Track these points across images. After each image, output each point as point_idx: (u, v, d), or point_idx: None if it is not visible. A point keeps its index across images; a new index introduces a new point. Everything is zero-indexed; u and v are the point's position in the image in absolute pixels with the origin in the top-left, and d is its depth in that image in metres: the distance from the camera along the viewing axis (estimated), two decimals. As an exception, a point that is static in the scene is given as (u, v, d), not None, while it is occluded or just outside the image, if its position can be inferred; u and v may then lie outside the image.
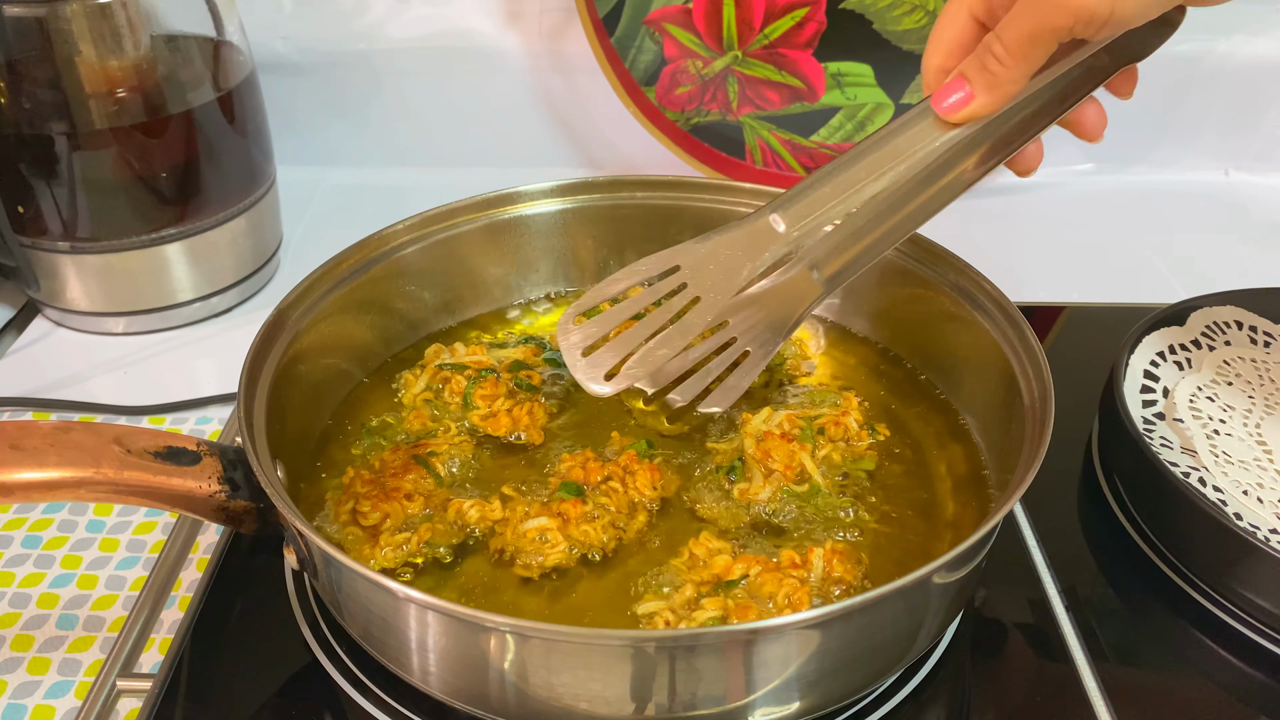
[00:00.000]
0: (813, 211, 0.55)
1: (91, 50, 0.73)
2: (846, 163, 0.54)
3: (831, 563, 0.52)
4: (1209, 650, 0.56)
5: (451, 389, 0.65)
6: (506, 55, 1.03)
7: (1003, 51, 0.49)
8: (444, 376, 0.65)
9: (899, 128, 0.54)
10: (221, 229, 0.83)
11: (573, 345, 0.56)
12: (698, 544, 0.54)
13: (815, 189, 0.55)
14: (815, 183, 0.55)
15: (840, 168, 0.55)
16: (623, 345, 0.56)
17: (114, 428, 0.50)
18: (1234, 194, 1.06)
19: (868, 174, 0.54)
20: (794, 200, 0.56)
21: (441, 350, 0.68)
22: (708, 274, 0.56)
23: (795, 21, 0.93)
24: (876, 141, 0.54)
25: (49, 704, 0.54)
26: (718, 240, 0.57)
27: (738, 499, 0.58)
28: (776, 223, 0.56)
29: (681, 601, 0.51)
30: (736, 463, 0.60)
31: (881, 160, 0.54)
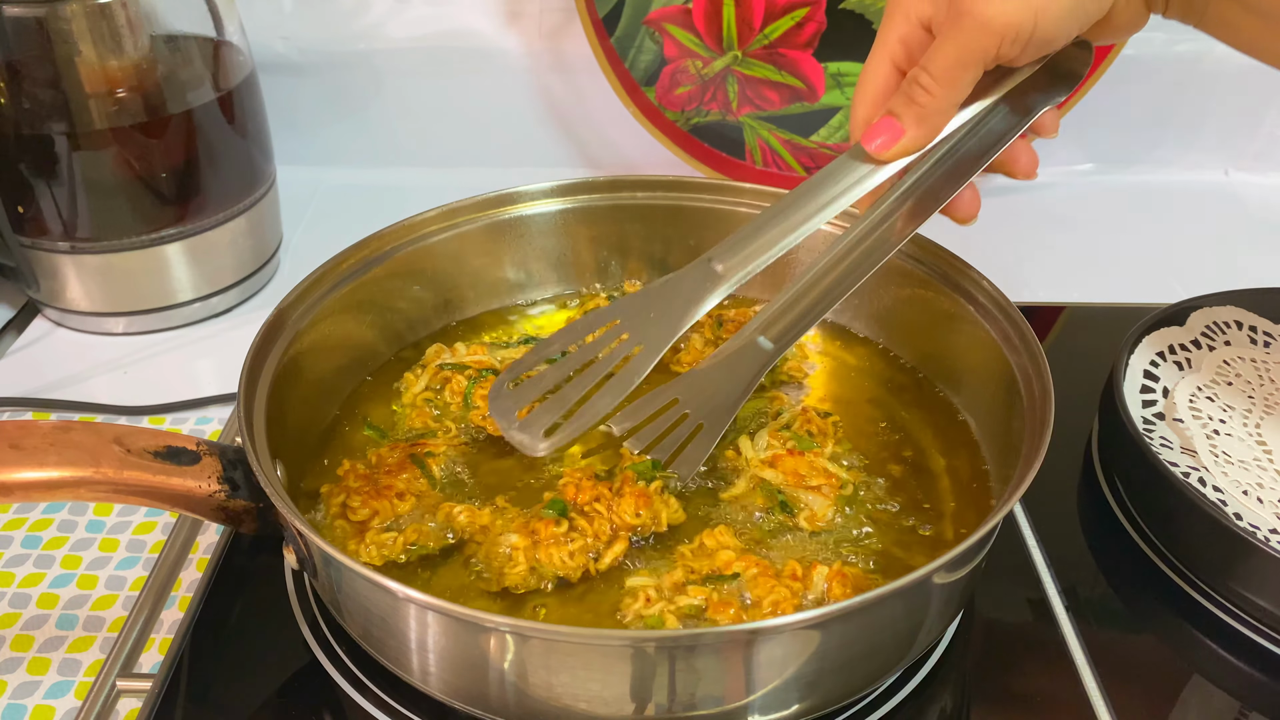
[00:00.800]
0: (748, 252, 0.56)
1: (91, 50, 0.73)
2: (781, 208, 0.56)
3: (832, 584, 0.52)
4: (1209, 650, 0.56)
5: (452, 389, 0.65)
6: (506, 55, 1.03)
7: (929, 80, 0.50)
8: (444, 376, 0.66)
9: (831, 171, 0.55)
10: (221, 229, 0.83)
11: (505, 410, 0.56)
12: (711, 535, 0.54)
13: (752, 235, 0.56)
14: (752, 229, 0.56)
15: (775, 213, 0.56)
16: (560, 402, 0.56)
17: (114, 427, 0.50)
18: (1234, 194, 1.06)
19: (802, 216, 0.55)
20: (731, 245, 0.56)
21: (443, 350, 0.68)
22: (648, 322, 0.56)
23: (795, 21, 0.93)
24: (809, 186, 0.55)
25: (49, 704, 0.54)
26: (657, 289, 0.57)
27: (808, 528, 0.57)
28: (714, 265, 0.56)
29: (669, 583, 0.52)
30: (780, 498, 0.58)
31: (814, 202, 0.55)
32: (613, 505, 0.56)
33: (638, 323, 0.57)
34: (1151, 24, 1.01)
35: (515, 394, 0.57)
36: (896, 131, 0.52)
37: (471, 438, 0.63)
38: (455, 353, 0.68)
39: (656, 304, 0.57)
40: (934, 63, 0.49)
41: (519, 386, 0.57)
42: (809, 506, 0.57)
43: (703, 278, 0.57)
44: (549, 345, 0.58)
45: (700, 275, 0.57)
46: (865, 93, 0.54)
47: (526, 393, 0.57)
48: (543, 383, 0.57)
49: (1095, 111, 1.00)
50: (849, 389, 0.69)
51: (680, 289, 0.57)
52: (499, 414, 0.56)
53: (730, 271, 0.56)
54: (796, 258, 0.74)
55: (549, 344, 0.58)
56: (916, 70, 0.50)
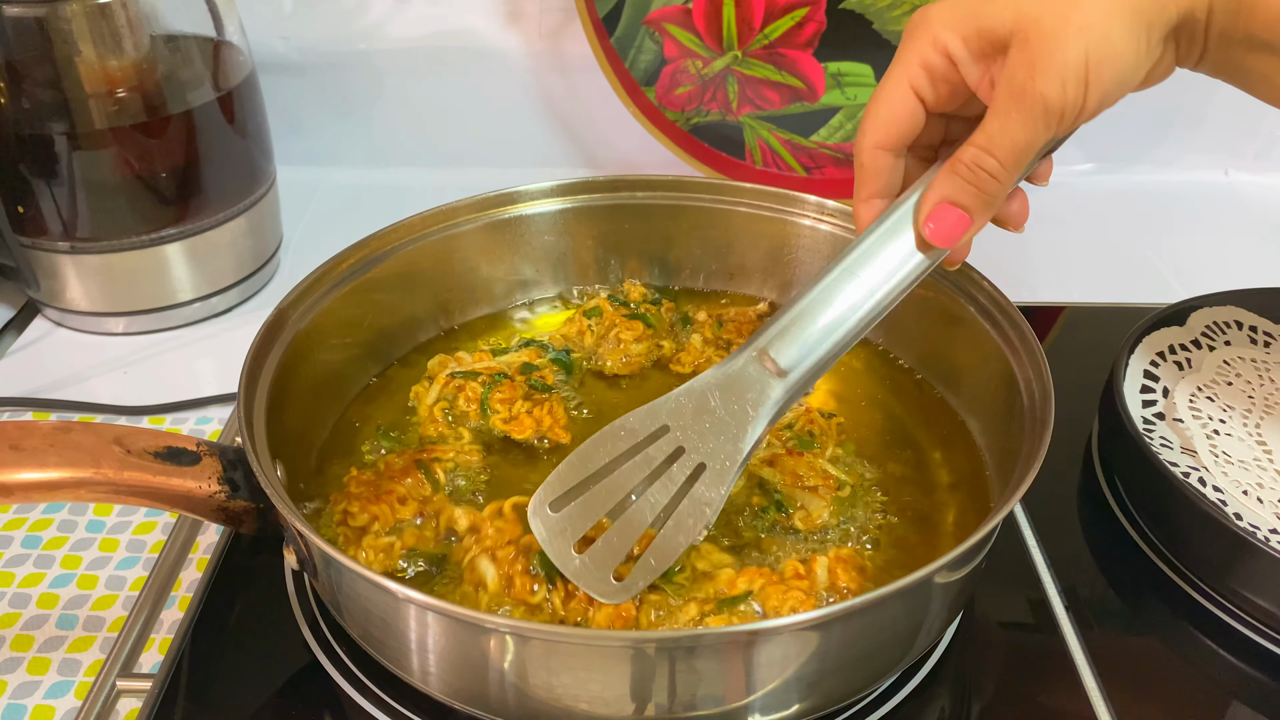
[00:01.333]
0: (807, 346, 0.50)
1: (91, 50, 0.73)
2: (828, 291, 0.51)
3: (836, 571, 0.52)
4: (1209, 650, 0.56)
5: (466, 396, 0.64)
6: (506, 55, 1.03)
7: (997, 166, 0.48)
8: (457, 385, 0.65)
9: (875, 251, 0.50)
10: (221, 229, 0.83)
11: (561, 549, 0.49)
12: (700, 557, 0.54)
13: (804, 322, 0.50)
14: (803, 314, 0.51)
15: (823, 298, 0.51)
16: (625, 533, 0.49)
17: (114, 428, 0.50)
18: (1234, 194, 1.06)
19: (852, 307, 0.51)
20: (784, 333, 0.50)
21: (447, 360, 0.67)
22: (704, 431, 0.50)
23: (795, 21, 0.93)
24: (855, 265, 0.51)
25: (49, 704, 0.54)
26: (704, 390, 0.51)
27: (803, 528, 0.57)
28: (773, 362, 0.50)
29: (685, 621, 0.50)
30: (776, 497, 0.58)
31: (864, 290, 0.51)
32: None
33: (692, 434, 0.50)
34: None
35: (563, 522, 0.49)
36: (963, 222, 0.49)
37: (485, 444, 0.63)
38: (460, 361, 0.67)
39: (710, 411, 0.50)
40: (1000, 147, 0.47)
41: (564, 511, 0.50)
42: (804, 507, 0.57)
43: (760, 380, 0.50)
44: (592, 458, 0.50)
45: (755, 376, 0.50)
46: (880, 114, 0.51)
47: (576, 520, 0.49)
48: (592, 504, 0.49)
49: (1095, 111, 1.00)
50: (848, 389, 0.69)
51: (735, 392, 0.50)
52: (557, 556, 0.49)
53: (792, 365, 0.50)
54: (797, 258, 0.74)
55: (590, 456, 0.50)
56: (977, 153, 0.48)
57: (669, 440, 0.50)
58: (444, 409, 0.64)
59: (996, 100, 0.47)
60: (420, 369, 0.69)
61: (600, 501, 0.50)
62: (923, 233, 0.50)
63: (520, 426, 0.62)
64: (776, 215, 0.73)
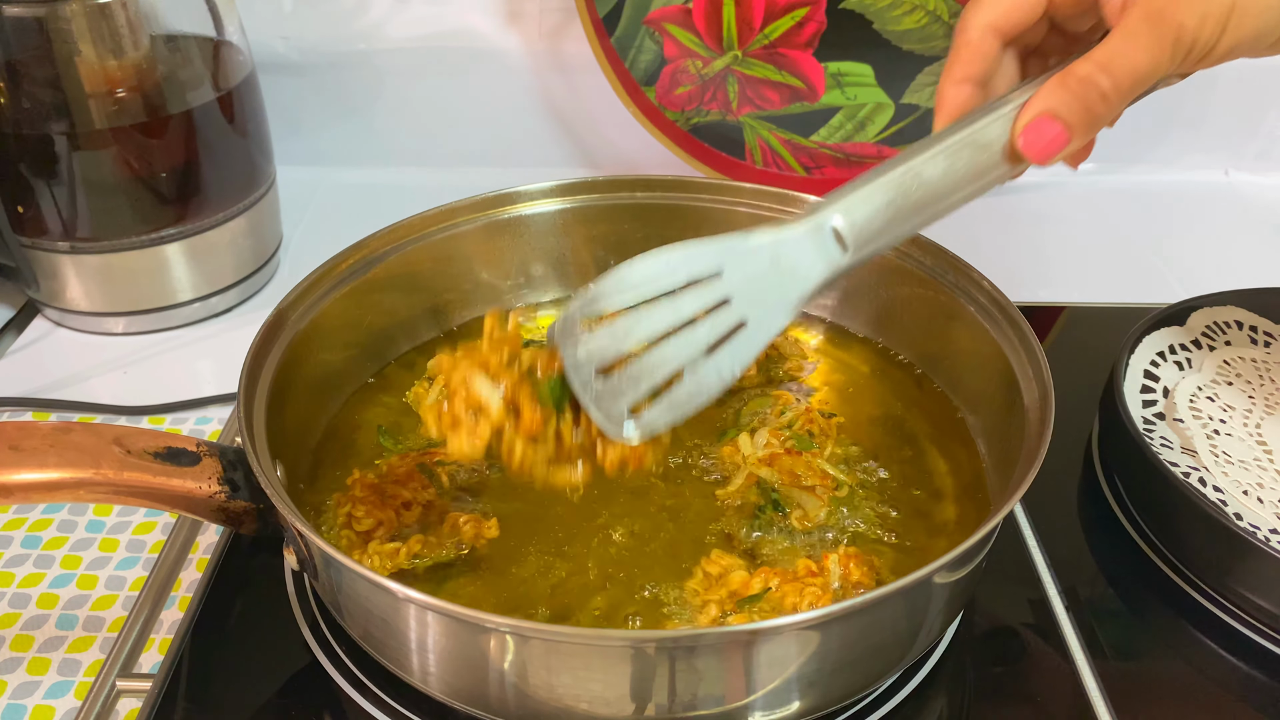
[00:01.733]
0: (875, 221, 0.45)
1: (91, 50, 0.73)
2: (911, 176, 0.46)
3: (848, 566, 0.52)
4: (1209, 650, 0.56)
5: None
6: (506, 55, 1.02)
7: (1112, 88, 0.44)
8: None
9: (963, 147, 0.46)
10: (221, 229, 0.83)
11: (584, 377, 0.45)
12: (710, 562, 0.54)
13: (879, 203, 0.46)
14: (879, 194, 0.46)
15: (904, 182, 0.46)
16: (649, 373, 0.45)
17: (114, 428, 0.50)
18: (1234, 194, 1.06)
19: (927, 200, 0.46)
20: (854, 204, 0.46)
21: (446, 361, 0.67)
22: (756, 288, 0.45)
23: (795, 21, 0.93)
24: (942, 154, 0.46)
25: (49, 704, 0.54)
26: (768, 247, 0.46)
27: (799, 527, 0.57)
28: (834, 228, 0.45)
29: (708, 621, 0.51)
30: (773, 494, 0.58)
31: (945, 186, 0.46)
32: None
33: (743, 287, 0.45)
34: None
35: (589, 345, 0.45)
36: (1061, 138, 0.45)
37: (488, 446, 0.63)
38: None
39: (766, 270, 0.45)
40: (1120, 68, 0.43)
41: (593, 333, 0.45)
42: (801, 506, 0.57)
43: (822, 250, 0.45)
44: (629, 285, 0.46)
45: (818, 245, 0.45)
46: (960, 62, 0.47)
47: (604, 345, 0.45)
48: (622, 336, 0.45)
49: (1095, 111, 1.00)
50: (848, 388, 0.69)
51: (795, 256, 0.45)
52: (578, 378, 0.45)
53: (857, 245, 0.45)
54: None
55: (630, 281, 0.46)
56: (1093, 70, 0.43)
57: (719, 287, 0.45)
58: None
59: (1128, 19, 0.43)
60: (420, 369, 0.68)
61: (633, 331, 0.45)
62: (1016, 142, 0.45)
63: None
64: (777, 215, 0.73)
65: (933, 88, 0.96)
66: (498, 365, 0.47)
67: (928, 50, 0.94)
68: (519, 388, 0.46)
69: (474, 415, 0.47)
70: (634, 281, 0.46)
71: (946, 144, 0.46)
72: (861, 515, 0.58)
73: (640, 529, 0.58)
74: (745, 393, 0.67)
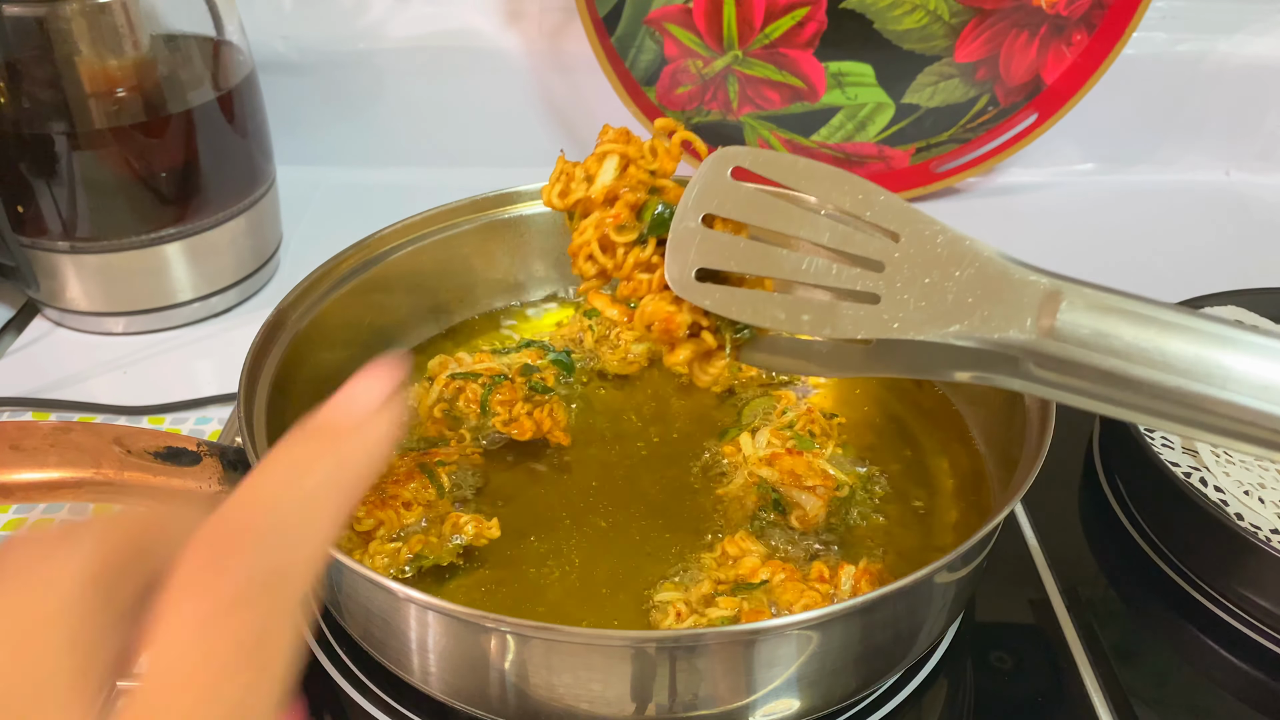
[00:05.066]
0: (1099, 340, 0.38)
1: (91, 50, 0.73)
2: (1193, 330, 0.37)
3: (860, 584, 0.52)
4: (1210, 651, 0.56)
5: (466, 398, 0.64)
6: (507, 55, 1.02)
7: None
8: (457, 386, 0.64)
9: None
10: (221, 229, 0.83)
11: (698, 207, 0.41)
12: (732, 542, 0.54)
13: (1125, 316, 0.38)
14: (1124, 307, 0.39)
15: (1177, 324, 0.37)
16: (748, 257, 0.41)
17: (114, 428, 0.50)
18: (1235, 194, 1.06)
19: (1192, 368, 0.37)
20: (1093, 308, 0.39)
21: (447, 361, 0.67)
22: (914, 283, 0.39)
23: (796, 21, 0.93)
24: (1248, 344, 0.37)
25: (49, 704, 0.54)
26: (968, 256, 0.39)
27: (799, 527, 0.57)
28: (1048, 312, 0.38)
29: (698, 596, 0.51)
30: (774, 496, 0.58)
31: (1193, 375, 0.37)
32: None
33: (903, 270, 0.39)
34: (1152, 24, 1.01)
35: (725, 195, 0.41)
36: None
37: (485, 448, 0.63)
38: (460, 362, 0.67)
39: (939, 279, 0.39)
40: None
41: (735, 189, 0.41)
42: (801, 506, 0.57)
43: (1015, 311, 0.39)
44: (812, 176, 0.41)
45: (1017, 306, 0.39)
46: None
47: (734, 205, 0.41)
48: (755, 210, 0.41)
49: (1096, 112, 1.00)
50: (848, 388, 0.69)
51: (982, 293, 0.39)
52: (684, 216, 0.41)
53: (1056, 347, 0.38)
54: None
55: (814, 174, 0.41)
56: None
57: (884, 248, 0.40)
58: (444, 410, 0.64)
59: None
60: (420, 369, 0.68)
61: (769, 214, 0.41)
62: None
63: (521, 428, 0.62)
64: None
65: (933, 87, 0.96)
66: (636, 156, 0.45)
67: (928, 50, 0.94)
68: (634, 190, 0.44)
69: (583, 179, 0.45)
70: (812, 175, 0.41)
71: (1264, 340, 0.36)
72: (862, 515, 0.58)
73: (640, 529, 0.58)
74: (746, 392, 0.67)
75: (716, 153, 0.42)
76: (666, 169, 0.45)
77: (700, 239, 0.41)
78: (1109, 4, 0.90)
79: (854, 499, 0.59)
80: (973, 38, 0.93)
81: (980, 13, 0.92)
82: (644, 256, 0.43)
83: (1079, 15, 0.92)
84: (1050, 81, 0.96)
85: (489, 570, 0.55)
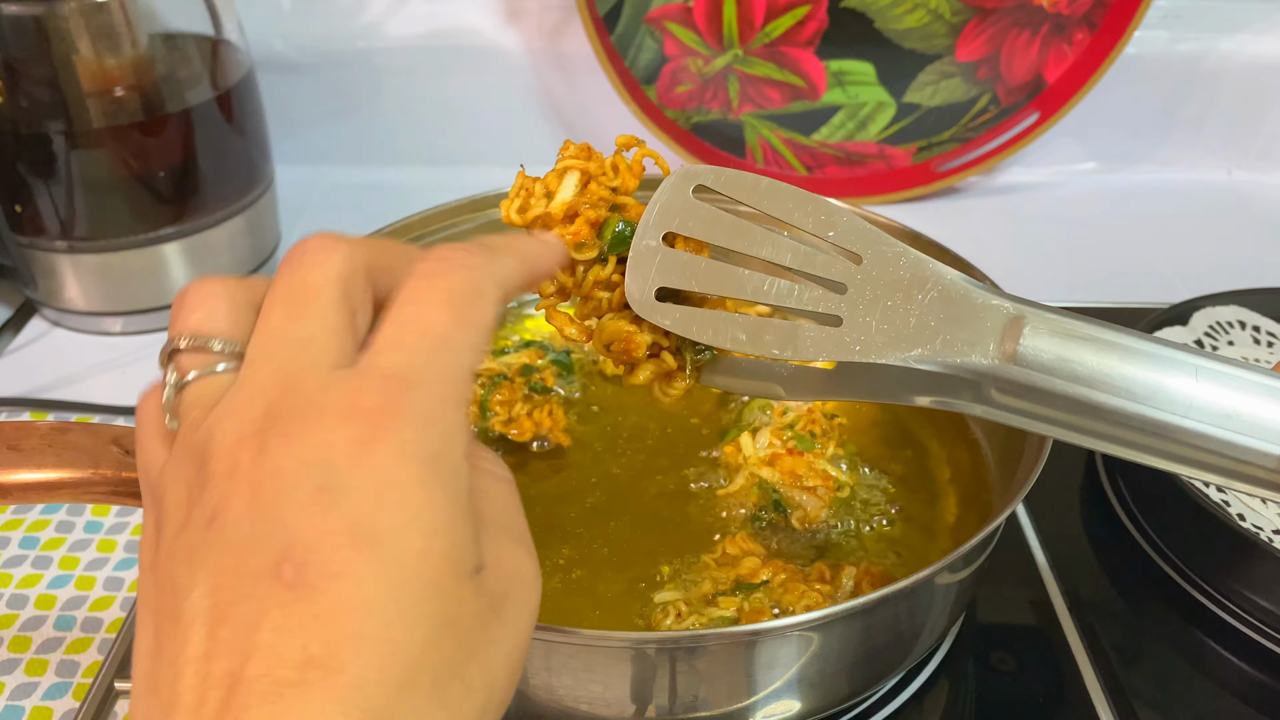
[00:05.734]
0: (1060, 365, 0.38)
1: (89, 49, 0.73)
2: (1148, 355, 0.38)
3: (862, 585, 0.52)
4: (1212, 652, 0.56)
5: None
6: (506, 54, 1.02)
7: None
8: None
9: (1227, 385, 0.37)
10: (220, 228, 0.83)
11: (659, 224, 0.40)
12: (732, 542, 0.54)
13: (1086, 342, 0.38)
14: (1095, 338, 0.38)
15: (1134, 350, 0.38)
16: (709, 276, 0.40)
17: (112, 428, 0.50)
18: (1237, 193, 1.06)
19: (1137, 391, 0.38)
20: (1052, 332, 0.38)
21: None
22: (876, 306, 0.39)
23: (796, 20, 0.93)
24: (1199, 366, 0.38)
25: (47, 705, 0.54)
26: (931, 280, 0.39)
27: (800, 529, 0.57)
28: (1010, 337, 0.38)
29: (698, 596, 0.51)
30: (774, 496, 0.58)
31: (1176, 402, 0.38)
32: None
33: (866, 288, 0.39)
34: (1154, 22, 1.01)
35: (687, 214, 0.40)
36: None
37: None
38: None
39: (902, 301, 0.39)
40: None
41: (697, 206, 0.40)
42: (802, 507, 0.57)
43: (979, 336, 0.38)
44: (774, 196, 0.40)
45: (981, 331, 0.38)
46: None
47: (697, 224, 0.40)
48: (717, 229, 0.40)
49: (1098, 111, 1.00)
50: (850, 389, 0.69)
51: (947, 316, 0.39)
52: (645, 232, 0.40)
53: (1019, 372, 0.38)
54: None
55: (777, 194, 0.40)
56: None
57: (846, 270, 0.39)
58: None
59: None
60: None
61: (731, 234, 0.40)
62: None
63: (521, 429, 0.62)
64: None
65: (934, 86, 0.96)
66: (597, 172, 0.43)
67: (929, 49, 0.94)
68: (594, 207, 0.42)
69: (543, 195, 0.42)
70: (775, 195, 0.41)
71: (1215, 364, 0.37)
72: (863, 516, 0.58)
73: (640, 529, 0.57)
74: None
75: (678, 170, 0.41)
76: (628, 186, 0.44)
77: (661, 258, 0.40)
78: (1111, 3, 0.90)
79: (855, 499, 0.59)
80: (974, 36, 0.93)
81: (981, 11, 0.92)
82: (604, 275, 0.41)
83: (1080, 14, 0.91)
84: (1052, 80, 0.95)
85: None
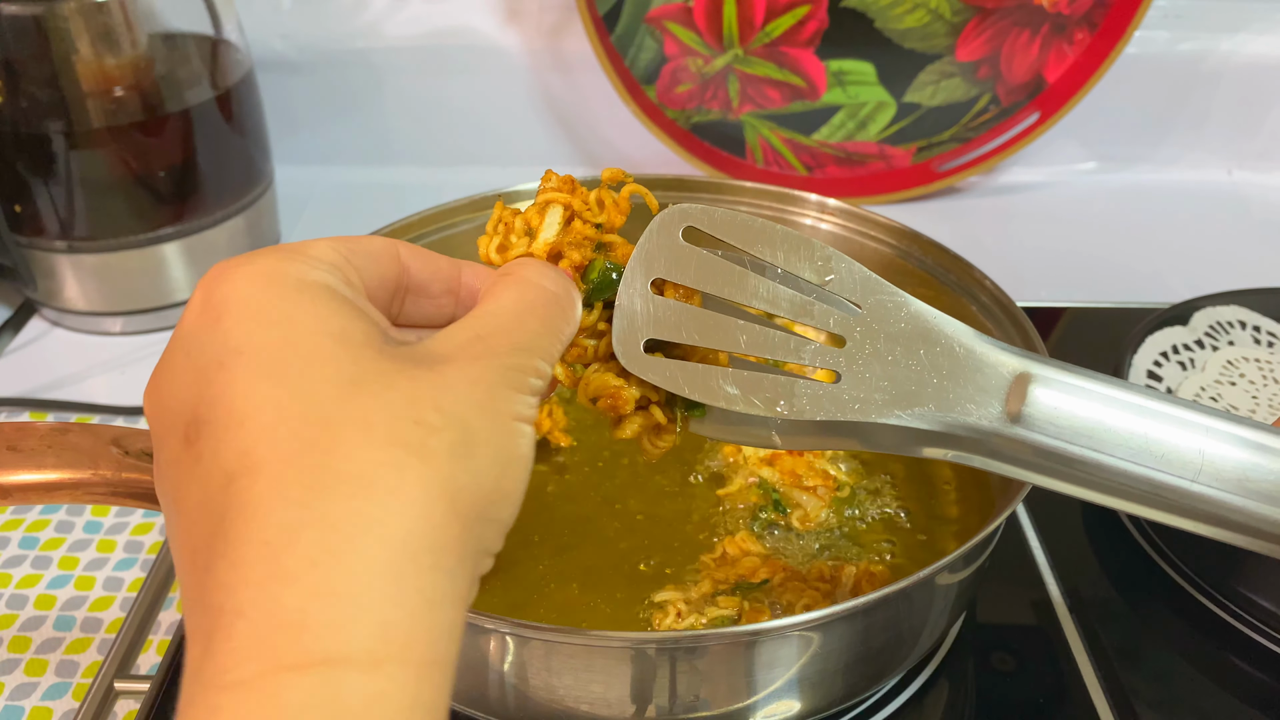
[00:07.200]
0: (1065, 424, 0.37)
1: (89, 49, 0.73)
2: (1150, 409, 0.38)
3: (861, 584, 0.52)
4: (1212, 652, 0.56)
5: None
6: (506, 53, 1.02)
7: None
8: None
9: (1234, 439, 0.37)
10: (219, 228, 0.83)
11: (649, 268, 0.38)
12: (732, 542, 0.54)
13: (1090, 405, 0.38)
14: (1106, 396, 0.38)
15: (1141, 407, 0.38)
16: (702, 328, 0.38)
17: (112, 429, 0.50)
18: (1237, 193, 1.06)
19: (1143, 455, 0.37)
20: (1062, 390, 0.37)
21: None
22: (876, 361, 0.38)
23: (796, 19, 0.93)
24: (1208, 422, 0.38)
25: (46, 705, 0.54)
26: (934, 334, 0.38)
27: (800, 528, 0.57)
28: (1017, 395, 0.37)
29: (698, 595, 0.51)
30: (774, 495, 0.58)
31: (1176, 459, 0.38)
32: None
33: (865, 347, 0.38)
34: (1154, 22, 1.00)
35: (676, 256, 0.38)
36: None
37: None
38: None
39: (904, 356, 0.38)
40: None
41: (686, 250, 0.38)
42: (802, 507, 0.57)
43: (984, 396, 0.38)
44: (769, 239, 0.39)
45: (986, 388, 0.38)
46: None
47: (689, 270, 0.38)
48: (710, 276, 0.38)
49: (1098, 110, 1.00)
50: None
51: (951, 374, 0.38)
52: (633, 280, 0.38)
53: (1025, 431, 0.37)
54: None
55: (770, 236, 0.39)
56: None
57: (845, 321, 0.38)
58: None
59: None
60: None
61: (724, 280, 0.38)
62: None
63: None
64: (777, 214, 0.73)
65: (935, 86, 0.96)
66: (581, 208, 0.40)
67: (929, 49, 0.94)
68: (579, 248, 0.39)
69: (524, 233, 0.39)
70: (770, 238, 0.39)
71: (1224, 420, 0.37)
72: (863, 516, 0.58)
73: (641, 529, 0.57)
74: None
75: (666, 211, 0.39)
76: (614, 223, 0.41)
77: (649, 308, 0.37)
78: (1111, 3, 0.90)
79: (855, 499, 0.59)
80: (974, 36, 0.93)
81: (982, 11, 0.92)
82: (589, 321, 0.39)
83: (1081, 14, 0.91)
84: (1052, 80, 0.95)
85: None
